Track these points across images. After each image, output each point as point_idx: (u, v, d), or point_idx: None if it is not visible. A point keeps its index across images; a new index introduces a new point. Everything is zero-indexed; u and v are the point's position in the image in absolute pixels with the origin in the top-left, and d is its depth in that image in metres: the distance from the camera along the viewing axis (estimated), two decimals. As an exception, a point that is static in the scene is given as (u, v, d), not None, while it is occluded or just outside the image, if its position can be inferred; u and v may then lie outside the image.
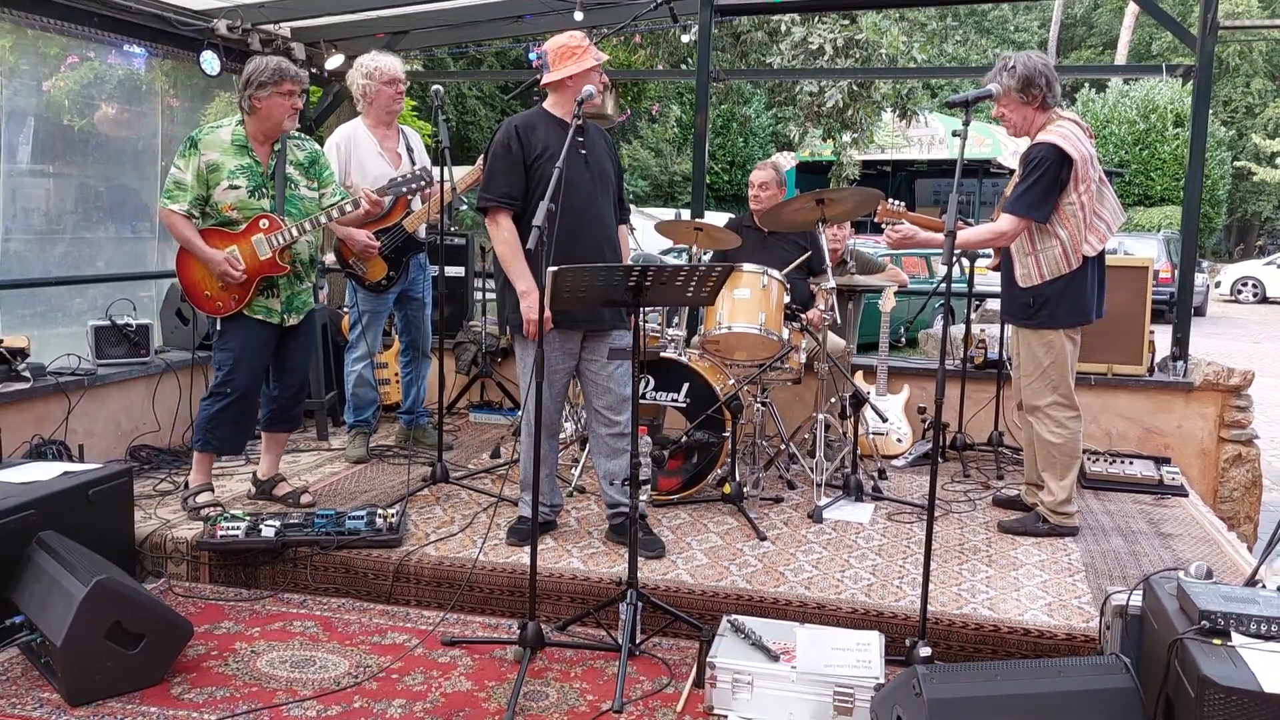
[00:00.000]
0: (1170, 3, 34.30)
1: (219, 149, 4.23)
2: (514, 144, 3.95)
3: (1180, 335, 5.88)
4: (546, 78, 4.00)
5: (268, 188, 4.30)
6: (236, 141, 4.26)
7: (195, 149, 4.21)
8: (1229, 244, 37.65)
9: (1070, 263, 4.21)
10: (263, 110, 4.23)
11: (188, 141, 4.25)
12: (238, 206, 4.24)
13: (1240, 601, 2.64)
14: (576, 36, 3.98)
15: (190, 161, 4.20)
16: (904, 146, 22.60)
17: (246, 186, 4.25)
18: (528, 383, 3.95)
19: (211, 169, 4.21)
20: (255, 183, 4.27)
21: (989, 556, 4.18)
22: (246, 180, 4.25)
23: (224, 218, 4.25)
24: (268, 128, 4.29)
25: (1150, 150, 27.78)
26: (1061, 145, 4.08)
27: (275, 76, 4.19)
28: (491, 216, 3.97)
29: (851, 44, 12.10)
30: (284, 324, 4.42)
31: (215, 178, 4.21)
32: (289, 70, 4.25)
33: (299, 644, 3.59)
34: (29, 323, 5.97)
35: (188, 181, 4.20)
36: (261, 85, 4.18)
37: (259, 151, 4.30)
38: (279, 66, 4.22)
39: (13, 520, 3.45)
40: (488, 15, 7.20)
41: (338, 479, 5.11)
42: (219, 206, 4.23)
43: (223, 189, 4.22)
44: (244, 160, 4.26)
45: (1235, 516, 5.61)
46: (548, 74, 3.99)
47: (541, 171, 3.87)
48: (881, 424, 5.70)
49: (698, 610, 3.69)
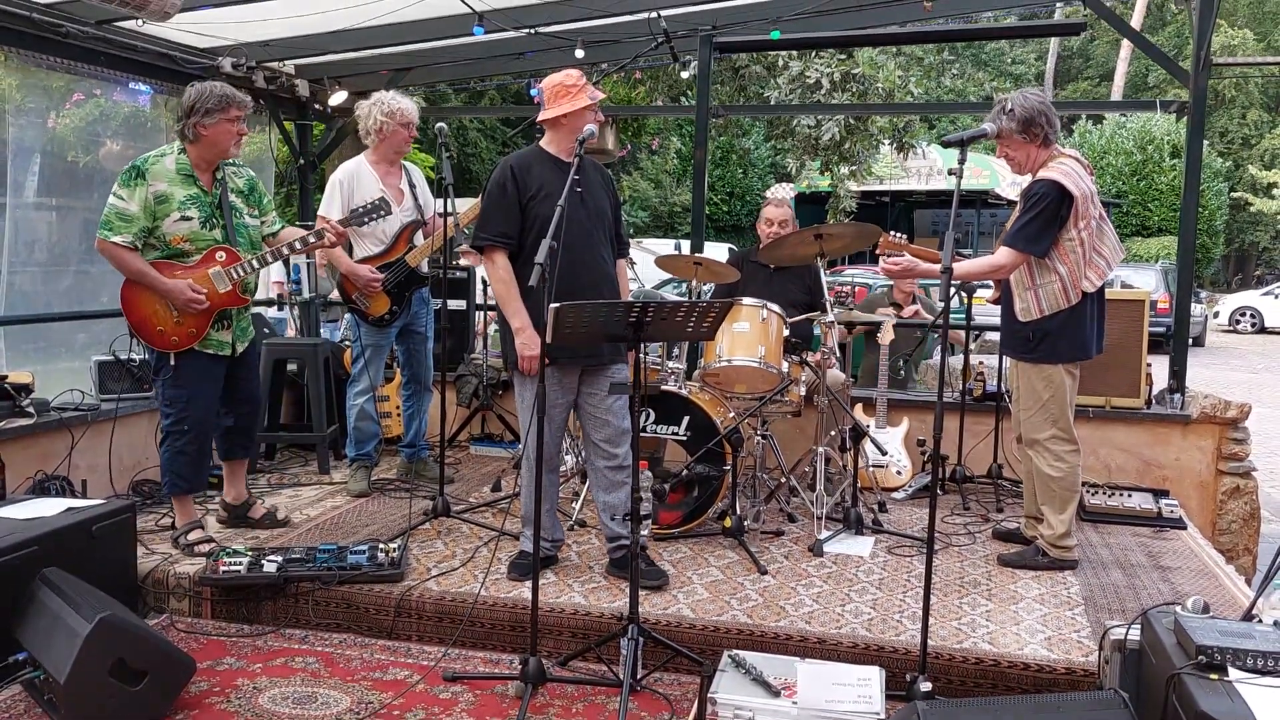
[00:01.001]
0: (1166, 34, 34.66)
1: (166, 179, 4.15)
2: (509, 184, 4.00)
3: (1177, 368, 5.92)
4: (542, 115, 4.05)
5: (217, 218, 4.26)
6: (182, 170, 4.20)
7: (142, 179, 4.11)
8: (1227, 274, 37.76)
9: (1069, 298, 4.24)
10: (209, 137, 4.18)
11: (131, 170, 4.13)
12: (190, 238, 4.18)
13: (1237, 636, 2.65)
14: (573, 75, 4.03)
15: (136, 191, 4.09)
16: (902, 177, 22.76)
17: (198, 217, 4.19)
18: (527, 418, 3.98)
19: (160, 200, 4.13)
20: (205, 213, 4.22)
21: (989, 590, 4.19)
22: (198, 211, 4.19)
23: (173, 249, 4.17)
24: (212, 155, 4.25)
25: (1148, 181, 27.94)
26: (1063, 182, 4.12)
27: (222, 103, 4.16)
28: (488, 255, 4.03)
29: (848, 78, 12.23)
30: (234, 354, 4.41)
31: (165, 209, 4.13)
32: (235, 96, 4.23)
33: (301, 680, 3.60)
34: (33, 357, 6.00)
35: (133, 212, 4.09)
36: (208, 112, 4.14)
37: (203, 179, 4.25)
38: (224, 93, 4.20)
39: (17, 556, 3.46)
40: (489, 53, 7.31)
41: (339, 513, 5.12)
42: (168, 238, 4.16)
43: (173, 220, 4.15)
44: (191, 190, 4.19)
45: (1234, 549, 5.61)
46: (543, 111, 4.05)
47: (537, 211, 3.93)
48: (881, 457, 5.71)
49: (699, 645, 3.70)
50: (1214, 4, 5.68)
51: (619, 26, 6.71)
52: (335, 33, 6.31)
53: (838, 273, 14.96)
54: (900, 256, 4.56)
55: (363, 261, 5.17)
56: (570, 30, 6.62)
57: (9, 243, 5.82)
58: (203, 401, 4.34)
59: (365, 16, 5.81)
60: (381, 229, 5.17)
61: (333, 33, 6.31)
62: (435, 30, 6.40)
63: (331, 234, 4.45)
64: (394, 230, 5.23)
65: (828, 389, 4.96)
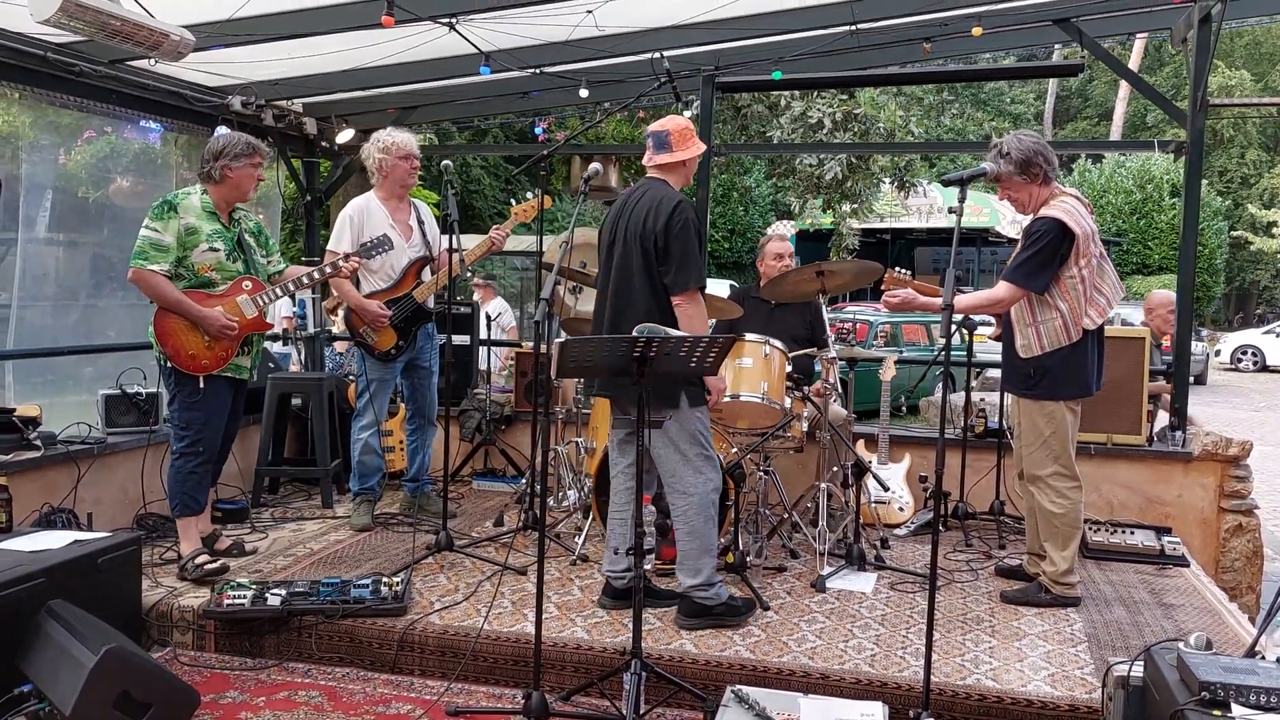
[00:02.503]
0: (1164, 75, 34.95)
1: (194, 214, 4.46)
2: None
3: (1178, 405, 5.94)
4: (675, 157, 4.13)
5: (238, 252, 4.57)
6: (206, 208, 4.51)
7: (174, 212, 4.41)
8: (1228, 312, 37.83)
9: (1070, 335, 4.27)
10: (234, 180, 4.51)
11: (163, 205, 4.41)
12: (216, 268, 4.47)
13: (1240, 673, 2.66)
14: (686, 120, 4.20)
15: (170, 223, 4.38)
16: (903, 215, 22.91)
17: (224, 250, 4.49)
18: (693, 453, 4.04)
19: (190, 231, 4.42)
20: (229, 246, 4.53)
21: (992, 627, 4.19)
22: (223, 244, 4.49)
23: (201, 279, 4.45)
24: (233, 197, 4.57)
25: (1147, 220, 28.10)
26: (1064, 220, 4.17)
27: (248, 149, 4.53)
28: (695, 294, 4.02)
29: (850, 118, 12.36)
30: (249, 380, 4.69)
31: (194, 240, 4.42)
32: (259, 145, 4.61)
33: (304, 714, 3.59)
34: (41, 391, 6.03)
35: (168, 242, 4.37)
36: (236, 157, 4.49)
37: (223, 219, 4.56)
38: (250, 141, 4.56)
39: (23, 589, 3.47)
40: (494, 91, 7.40)
41: (342, 547, 5.13)
42: (196, 268, 4.43)
43: (201, 250, 4.43)
44: (216, 225, 4.51)
45: (1237, 587, 5.61)
46: (674, 154, 4.12)
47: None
48: (883, 493, 5.73)
49: (701, 680, 3.70)
50: (1210, 46, 5.76)
51: (622, 67, 6.80)
52: (343, 72, 6.40)
53: (839, 309, 15.02)
54: (902, 291, 4.60)
55: (370, 296, 5.22)
56: (575, 70, 6.71)
57: (19, 277, 5.87)
58: (217, 424, 4.59)
59: (373, 57, 5.90)
60: (390, 264, 5.23)
61: (341, 72, 6.40)
62: (441, 70, 6.48)
63: (347, 267, 4.75)
64: (402, 265, 5.28)
65: (830, 425, 4.98)
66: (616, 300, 4.08)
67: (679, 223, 3.95)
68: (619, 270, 4.09)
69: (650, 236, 3.97)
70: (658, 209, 3.98)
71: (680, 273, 3.95)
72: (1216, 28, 5.72)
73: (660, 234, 3.95)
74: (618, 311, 4.06)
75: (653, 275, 4.00)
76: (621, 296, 4.07)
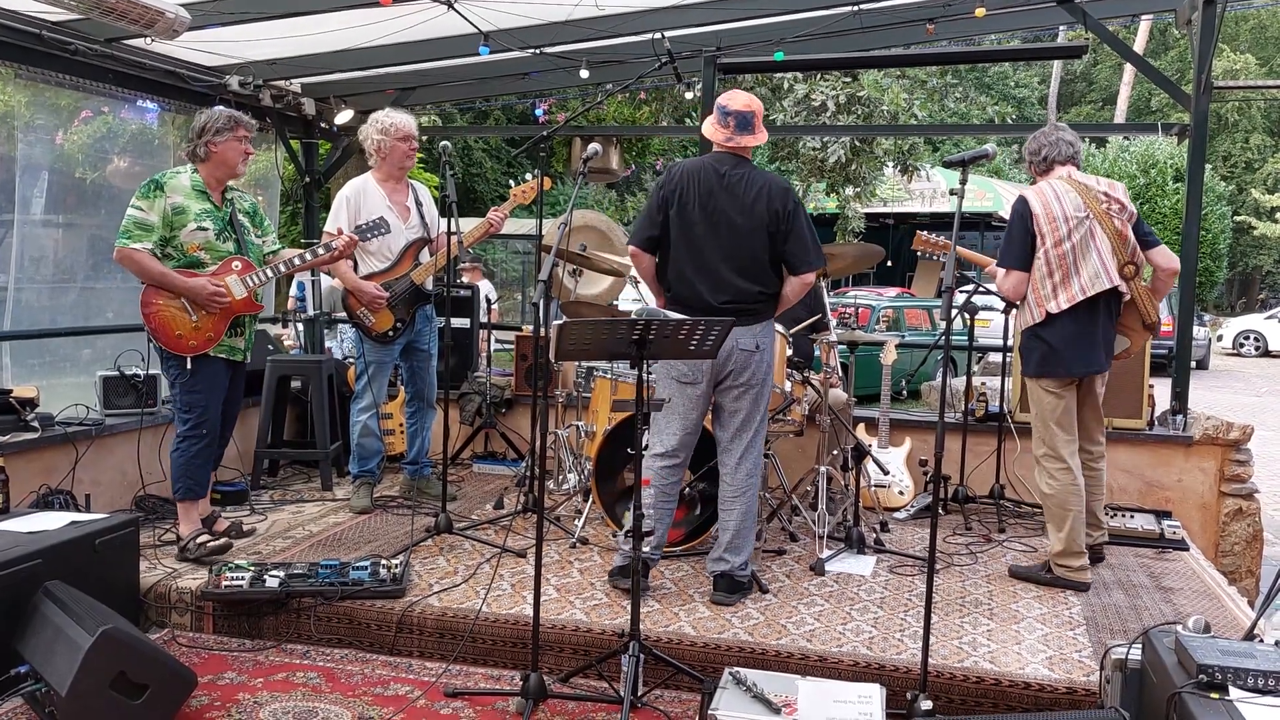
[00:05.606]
0: (1169, 59, 34.80)
1: (182, 193, 4.41)
2: None
3: (1179, 390, 5.92)
4: (754, 140, 4.22)
5: (229, 231, 4.51)
6: (195, 187, 4.45)
7: (161, 191, 4.36)
8: (1230, 298, 37.78)
9: (1033, 316, 4.38)
10: (219, 154, 4.44)
11: (150, 184, 4.37)
12: (205, 248, 4.41)
13: (1238, 656, 2.65)
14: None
15: (155, 203, 4.34)
16: (905, 199, 22.81)
17: (213, 229, 4.44)
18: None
19: (177, 211, 4.37)
20: (219, 226, 4.47)
21: (990, 609, 4.19)
22: (212, 224, 4.44)
23: (191, 258, 4.40)
24: (222, 173, 4.49)
25: (1151, 205, 27.96)
26: (1029, 198, 4.35)
27: (230, 122, 4.46)
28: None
29: (853, 101, 12.30)
30: (244, 361, 4.63)
31: (181, 219, 4.37)
32: (242, 117, 4.53)
33: (301, 695, 3.59)
34: (38, 372, 6.02)
35: (152, 221, 4.33)
36: (219, 131, 4.42)
37: (215, 198, 4.49)
38: (232, 114, 4.50)
39: (20, 570, 3.46)
40: (494, 72, 7.35)
41: (342, 529, 5.13)
42: (185, 247, 4.38)
43: (190, 230, 4.38)
44: (205, 205, 4.45)
45: (1237, 571, 5.60)
46: (754, 136, 4.21)
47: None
48: (883, 476, 5.72)
49: (699, 662, 3.70)
50: (1215, 29, 5.72)
51: (624, 47, 6.76)
52: (341, 52, 6.36)
53: (841, 294, 14.99)
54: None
55: (367, 278, 5.20)
56: (575, 50, 6.67)
57: (16, 258, 5.85)
58: (215, 405, 4.55)
59: (371, 36, 5.86)
60: (387, 246, 5.20)
61: (339, 52, 6.36)
62: (441, 50, 6.44)
63: (341, 243, 4.65)
64: (399, 247, 5.25)
65: (830, 408, 4.97)
66: (734, 276, 4.14)
67: (798, 205, 4.21)
68: (729, 247, 4.14)
69: (775, 219, 4.12)
70: (770, 192, 4.13)
71: (813, 254, 4.19)
72: (1221, 9, 5.68)
73: (787, 217, 4.13)
74: (736, 288, 4.14)
75: (771, 255, 4.16)
76: (742, 273, 4.14)
